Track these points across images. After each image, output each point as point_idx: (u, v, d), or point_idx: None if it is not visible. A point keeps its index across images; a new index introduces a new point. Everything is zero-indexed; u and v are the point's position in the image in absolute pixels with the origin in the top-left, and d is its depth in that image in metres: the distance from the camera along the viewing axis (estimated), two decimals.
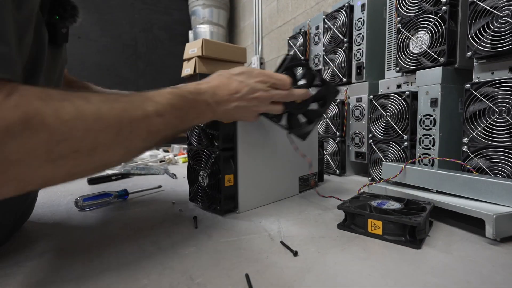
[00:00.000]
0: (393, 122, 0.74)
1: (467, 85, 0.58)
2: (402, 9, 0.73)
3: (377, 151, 0.79)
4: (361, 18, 0.87)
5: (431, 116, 0.66)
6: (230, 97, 0.41)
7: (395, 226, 0.41)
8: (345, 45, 0.92)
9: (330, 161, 0.95)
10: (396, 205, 0.46)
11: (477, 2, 0.56)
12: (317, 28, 1.11)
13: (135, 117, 0.30)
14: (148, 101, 0.33)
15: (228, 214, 0.53)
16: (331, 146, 0.95)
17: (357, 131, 0.89)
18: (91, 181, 0.82)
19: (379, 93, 0.82)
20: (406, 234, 0.40)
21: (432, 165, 0.66)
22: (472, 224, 0.44)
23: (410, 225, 0.39)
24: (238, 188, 0.53)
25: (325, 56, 1.01)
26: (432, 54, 0.67)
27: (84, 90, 0.39)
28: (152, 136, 0.33)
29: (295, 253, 0.37)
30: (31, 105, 0.23)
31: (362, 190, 0.62)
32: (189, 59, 1.70)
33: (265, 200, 0.59)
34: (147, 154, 1.23)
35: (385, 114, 0.76)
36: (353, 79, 0.91)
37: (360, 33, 0.88)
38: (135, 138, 0.31)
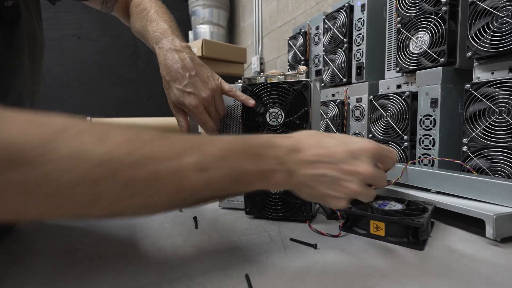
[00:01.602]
0: (393, 123, 0.74)
1: (467, 85, 0.58)
2: (402, 9, 0.73)
3: None
4: (361, 18, 0.87)
5: (431, 116, 0.66)
6: (318, 159, 0.30)
7: (398, 227, 0.40)
8: (345, 45, 0.92)
9: None
10: (398, 206, 0.45)
11: (477, 2, 0.56)
12: (317, 28, 1.11)
13: (159, 169, 0.23)
14: (191, 148, 0.25)
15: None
16: None
17: (357, 132, 0.89)
18: None
19: (379, 93, 0.82)
20: (409, 235, 0.40)
21: (432, 165, 0.66)
22: (472, 224, 0.44)
23: (413, 226, 0.39)
24: None
25: (325, 56, 1.01)
26: (432, 54, 0.67)
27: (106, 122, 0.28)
28: (184, 195, 0.25)
29: (315, 246, 0.38)
30: (14, 137, 0.19)
31: None
32: None
33: None
34: None
35: (385, 114, 0.76)
36: (353, 79, 0.91)
37: (360, 33, 0.88)
38: (156, 195, 0.24)
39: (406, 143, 0.71)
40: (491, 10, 0.54)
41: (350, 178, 0.30)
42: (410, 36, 0.71)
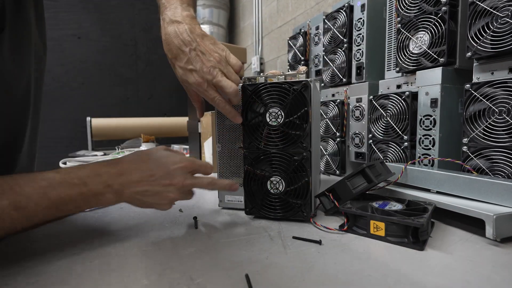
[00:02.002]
0: (393, 123, 0.74)
1: (467, 85, 0.58)
2: (402, 10, 0.73)
3: (377, 151, 0.79)
4: (361, 18, 0.87)
5: (431, 116, 0.66)
6: (141, 179, 0.38)
7: (398, 227, 0.40)
8: (345, 45, 0.92)
9: (330, 161, 0.95)
10: (398, 206, 0.45)
11: (477, 2, 0.56)
12: (317, 28, 1.11)
13: None
14: (7, 193, 0.30)
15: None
16: (331, 146, 0.95)
17: (357, 132, 0.89)
18: None
19: (379, 93, 0.82)
20: (409, 235, 0.40)
21: (432, 165, 0.66)
22: (472, 224, 0.44)
23: (413, 226, 0.39)
24: (312, 189, 0.49)
25: (325, 57, 1.01)
26: (432, 54, 0.67)
27: None
28: (5, 230, 0.30)
29: (320, 242, 0.40)
30: None
31: None
32: None
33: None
34: None
35: (385, 114, 0.76)
36: (353, 80, 0.91)
37: (360, 33, 0.88)
38: None
39: (406, 143, 0.71)
40: (491, 10, 0.54)
41: (169, 189, 0.39)
42: (410, 36, 0.71)
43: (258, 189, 0.50)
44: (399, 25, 0.74)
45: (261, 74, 0.53)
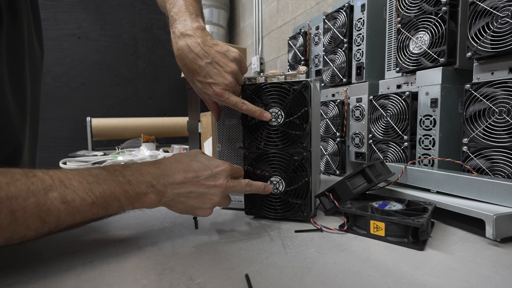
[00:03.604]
0: (393, 123, 0.74)
1: (467, 85, 0.58)
2: (402, 10, 0.73)
3: (377, 151, 0.79)
4: (361, 18, 0.87)
5: (431, 116, 0.66)
6: (186, 180, 0.38)
7: (398, 227, 0.40)
8: (345, 45, 0.92)
9: (330, 161, 0.95)
10: (398, 206, 0.45)
11: (477, 2, 0.56)
12: (317, 28, 1.11)
13: (21, 206, 0.27)
14: (56, 185, 0.29)
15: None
16: (331, 146, 0.95)
17: (357, 132, 0.89)
18: None
19: (379, 93, 0.82)
20: (409, 235, 0.40)
21: (432, 165, 0.66)
22: (472, 224, 0.44)
23: (413, 226, 0.39)
24: (312, 189, 0.50)
25: (325, 57, 1.01)
26: (432, 54, 0.67)
27: None
28: (50, 225, 0.29)
29: (321, 229, 0.43)
30: None
31: None
32: None
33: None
34: (147, 154, 1.23)
35: (385, 114, 0.76)
36: (353, 80, 0.91)
37: (360, 34, 0.88)
38: (20, 228, 0.28)
39: (406, 143, 0.71)
40: (491, 10, 0.54)
41: (212, 191, 0.39)
42: (410, 36, 0.71)
43: None
44: (399, 25, 0.74)
45: (261, 74, 0.53)
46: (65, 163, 1.08)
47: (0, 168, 0.28)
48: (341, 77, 0.94)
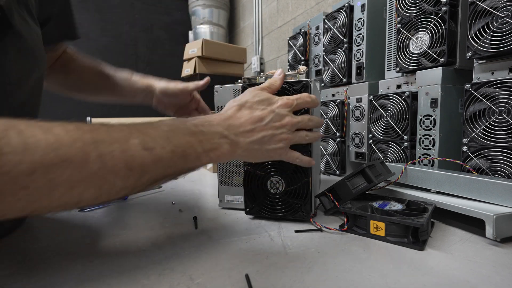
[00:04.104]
0: (393, 123, 0.74)
1: (467, 85, 0.58)
2: (402, 10, 0.73)
3: (377, 151, 0.79)
4: (361, 18, 0.87)
5: (431, 116, 0.66)
6: (254, 126, 0.37)
7: (398, 227, 0.40)
8: (345, 45, 0.92)
9: (330, 161, 0.95)
10: (398, 206, 0.45)
11: (477, 2, 0.56)
12: (317, 28, 1.11)
13: (108, 150, 0.26)
14: (135, 132, 0.29)
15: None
16: (331, 146, 0.95)
17: (357, 132, 0.89)
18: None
19: (379, 93, 0.82)
20: (409, 235, 0.40)
21: (432, 165, 0.66)
22: (472, 224, 0.44)
23: (413, 226, 0.39)
24: (313, 189, 0.50)
25: (325, 57, 1.01)
26: (432, 54, 0.67)
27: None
28: (136, 174, 0.28)
29: (321, 229, 0.43)
30: None
31: None
32: (189, 59, 1.70)
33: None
34: None
35: (385, 114, 0.76)
36: (353, 80, 0.91)
37: (360, 34, 0.88)
38: (109, 175, 0.27)
39: (406, 143, 0.71)
40: (491, 10, 0.54)
41: (281, 131, 0.39)
42: (410, 36, 0.71)
43: (258, 189, 0.50)
44: (399, 25, 0.74)
45: (261, 74, 0.53)
46: None
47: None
48: (341, 77, 0.94)
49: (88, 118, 1.92)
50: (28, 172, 0.22)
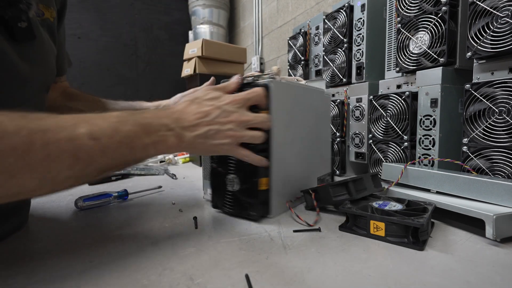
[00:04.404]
0: (393, 123, 0.74)
1: (467, 85, 0.58)
2: (402, 9, 0.73)
3: (377, 151, 0.79)
4: (361, 18, 0.87)
5: (431, 116, 0.66)
6: (199, 121, 0.38)
7: (398, 227, 0.40)
8: (345, 45, 0.92)
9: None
10: (398, 206, 0.45)
11: (477, 2, 0.56)
12: (317, 28, 1.11)
13: (54, 139, 0.26)
14: (82, 122, 0.29)
15: (262, 219, 0.50)
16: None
17: (357, 132, 0.89)
18: (91, 182, 0.82)
19: (379, 93, 0.82)
20: (409, 235, 0.39)
21: (432, 165, 0.66)
22: (472, 224, 0.44)
23: (413, 226, 0.39)
24: (272, 191, 0.50)
25: (325, 57, 1.01)
26: (432, 54, 0.67)
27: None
28: (82, 163, 0.28)
29: (319, 229, 0.44)
30: None
31: None
32: (189, 59, 1.70)
33: (293, 203, 0.56)
34: None
35: (385, 114, 0.76)
36: (353, 80, 0.91)
37: (360, 34, 0.88)
38: (54, 164, 0.26)
39: (406, 143, 0.71)
40: (491, 10, 0.54)
41: (227, 127, 0.39)
42: (410, 36, 0.71)
43: (219, 185, 0.52)
44: (399, 25, 0.74)
45: (242, 74, 0.55)
46: None
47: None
48: (341, 77, 0.94)
49: None
50: None
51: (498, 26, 0.53)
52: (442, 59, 0.65)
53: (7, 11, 0.33)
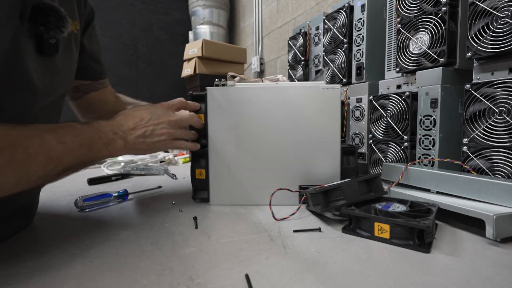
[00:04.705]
0: (393, 123, 0.74)
1: (467, 85, 0.58)
2: (402, 10, 0.73)
3: (377, 151, 0.79)
4: (361, 18, 0.87)
5: (431, 116, 0.66)
6: (136, 125, 0.46)
7: (403, 229, 0.40)
8: (345, 45, 0.92)
9: None
10: (402, 208, 0.45)
11: (477, 2, 0.56)
12: (317, 28, 1.11)
13: (31, 143, 0.32)
14: (47, 130, 0.35)
15: (204, 203, 0.60)
16: None
17: (357, 132, 0.89)
18: (91, 182, 0.82)
19: (379, 93, 0.82)
20: (414, 237, 0.39)
21: (432, 165, 0.66)
22: (472, 224, 0.44)
23: (419, 228, 0.38)
24: (210, 181, 0.59)
25: (325, 57, 1.01)
26: (432, 54, 0.67)
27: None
28: (53, 163, 0.34)
29: (319, 229, 0.44)
30: None
31: None
32: (189, 60, 1.70)
33: (245, 200, 0.59)
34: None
35: (385, 114, 0.76)
36: (353, 80, 0.91)
37: (360, 34, 0.88)
38: (31, 164, 0.32)
39: (406, 143, 0.71)
40: (491, 10, 0.54)
41: (161, 126, 0.48)
42: (410, 36, 0.71)
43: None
44: (399, 25, 0.74)
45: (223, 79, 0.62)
46: None
47: None
48: (341, 77, 0.94)
49: None
50: None
51: (498, 26, 0.53)
52: (442, 59, 0.65)
53: (49, 31, 0.37)
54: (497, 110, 0.54)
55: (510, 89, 0.52)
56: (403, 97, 0.71)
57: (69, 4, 0.44)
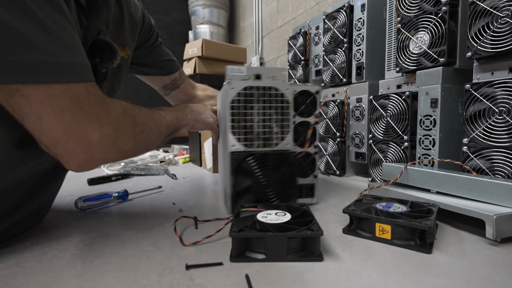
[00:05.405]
0: (393, 123, 0.74)
1: (467, 85, 0.58)
2: (402, 9, 0.73)
3: (377, 151, 0.79)
4: (361, 18, 0.87)
5: (431, 116, 0.66)
6: (199, 111, 0.65)
7: (404, 230, 0.40)
8: (345, 45, 0.92)
9: (330, 161, 0.95)
10: (402, 208, 0.44)
11: (477, 2, 0.56)
12: (317, 28, 1.11)
13: (160, 120, 0.50)
14: (157, 109, 0.52)
15: None
16: (331, 146, 0.95)
17: (357, 132, 0.89)
18: (91, 182, 0.82)
19: (379, 93, 0.82)
20: (415, 238, 0.39)
21: (432, 165, 0.66)
22: (472, 224, 0.44)
23: (420, 229, 0.38)
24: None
25: (325, 57, 1.01)
26: (432, 54, 0.67)
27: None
28: (167, 130, 0.52)
29: (221, 263, 0.35)
30: (123, 105, 0.41)
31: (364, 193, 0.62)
32: (189, 59, 1.70)
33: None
34: (147, 154, 1.23)
35: (385, 114, 0.76)
36: (353, 80, 0.91)
37: (360, 33, 0.88)
38: (162, 130, 0.50)
39: (406, 143, 0.71)
40: (491, 10, 0.54)
41: (207, 112, 0.67)
42: (410, 36, 0.71)
43: None
44: (399, 25, 0.74)
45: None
46: None
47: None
48: (341, 77, 0.94)
49: None
50: (150, 130, 0.46)
51: (498, 26, 0.53)
52: (442, 59, 0.65)
53: (102, 62, 0.45)
54: (497, 110, 0.54)
55: (510, 89, 0.52)
56: (403, 97, 0.71)
57: (121, 33, 0.54)
